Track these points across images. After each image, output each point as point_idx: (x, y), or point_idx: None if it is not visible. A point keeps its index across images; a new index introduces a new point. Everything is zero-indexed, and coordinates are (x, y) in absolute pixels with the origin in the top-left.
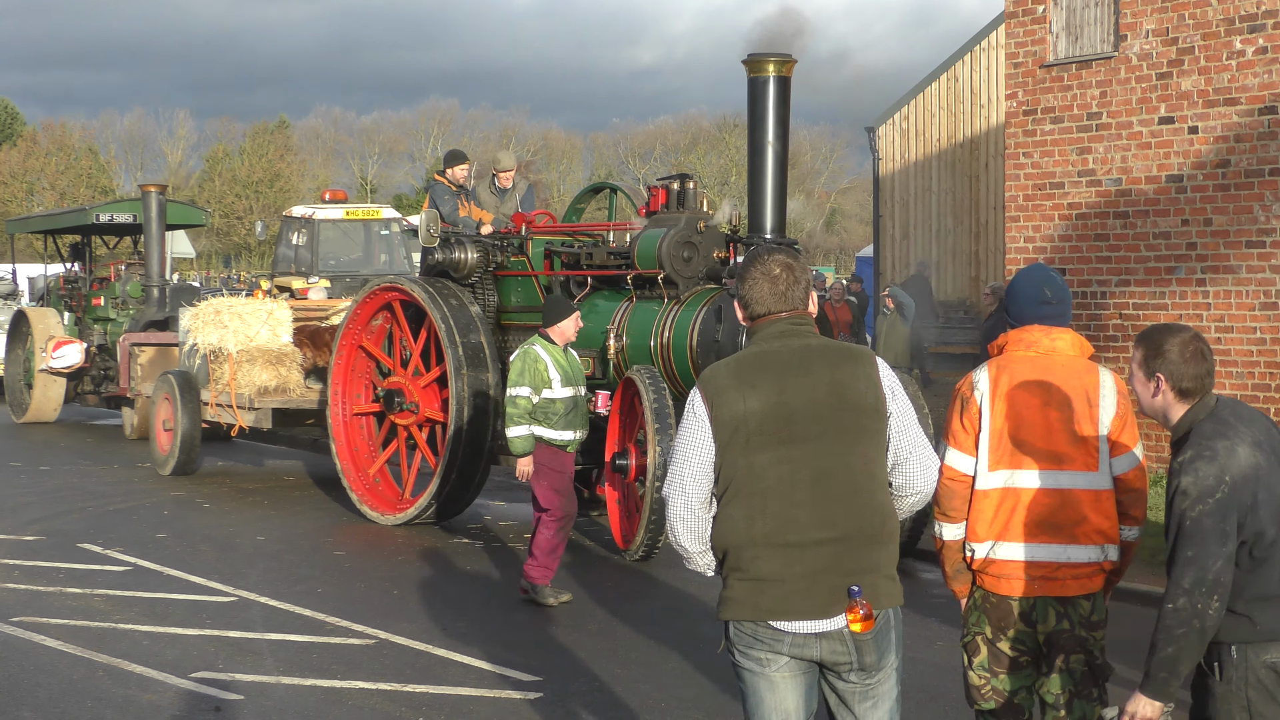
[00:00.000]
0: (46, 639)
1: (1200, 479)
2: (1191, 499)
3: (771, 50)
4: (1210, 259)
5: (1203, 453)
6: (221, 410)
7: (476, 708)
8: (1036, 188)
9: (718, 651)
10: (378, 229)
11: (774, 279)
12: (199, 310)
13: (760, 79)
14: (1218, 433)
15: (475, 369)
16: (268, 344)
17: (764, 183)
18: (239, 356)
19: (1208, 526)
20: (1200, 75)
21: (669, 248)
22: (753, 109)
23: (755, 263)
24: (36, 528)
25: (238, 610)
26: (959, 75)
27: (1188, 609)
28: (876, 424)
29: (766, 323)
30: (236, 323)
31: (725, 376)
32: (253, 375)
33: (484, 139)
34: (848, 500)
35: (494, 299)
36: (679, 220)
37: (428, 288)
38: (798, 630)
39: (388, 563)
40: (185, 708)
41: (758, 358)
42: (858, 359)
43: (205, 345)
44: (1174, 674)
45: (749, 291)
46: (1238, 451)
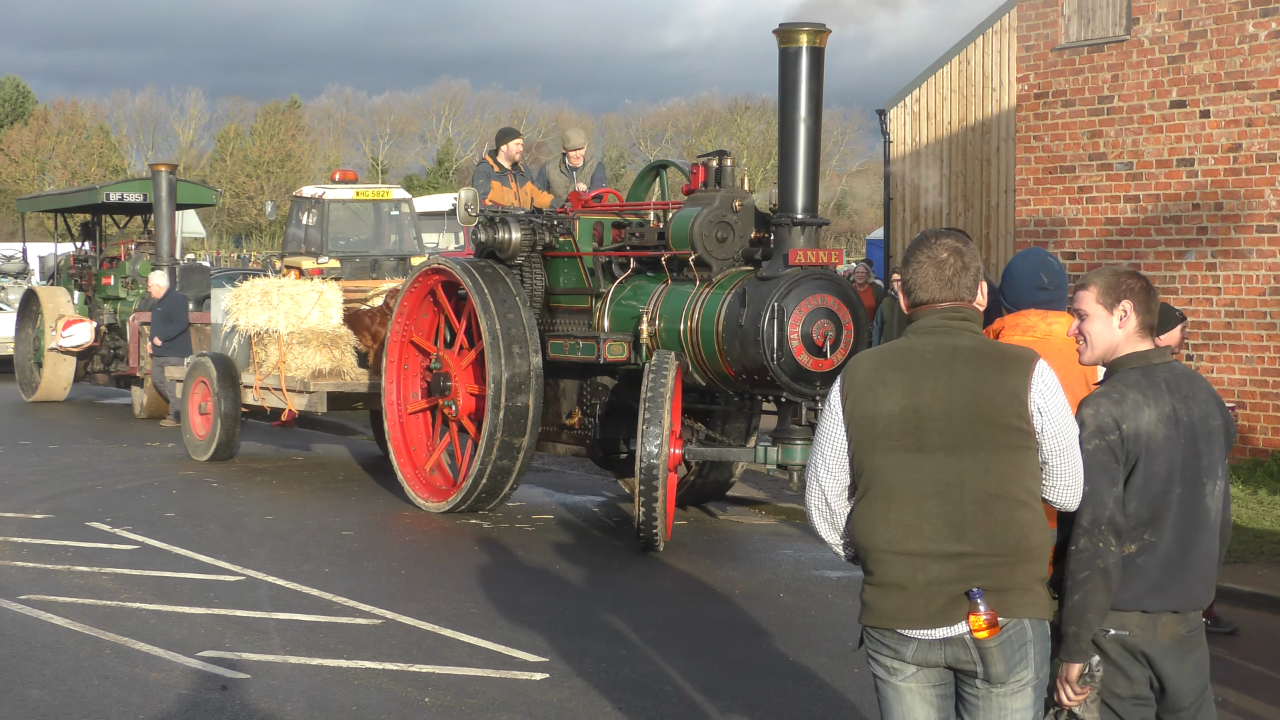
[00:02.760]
0: (54, 617)
1: (1099, 415)
2: (1088, 431)
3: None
4: (1221, 243)
5: (1112, 394)
6: (267, 394)
7: (483, 688)
8: (1047, 171)
9: (853, 651)
10: (388, 209)
11: (940, 264)
12: (242, 290)
13: (792, 50)
14: (1137, 385)
15: (514, 352)
16: (319, 326)
17: (795, 160)
18: (289, 339)
19: (1100, 463)
20: (1212, 59)
21: (701, 228)
22: (784, 82)
23: (921, 246)
24: (45, 506)
25: (245, 589)
26: (970, 58)
27: (1090, 549)
28: (1016, 440)
29: (923, 312)
30: (288, 304)
31: (863, 371)
32: (305, 358)
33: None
34: (979, 516)
35: (542, 280)
36: (714, 199)
37: (470, 269)
38: (922, 636)
39: (395, 543)
40: (192, 686)
41: (902, 353)
42: (1009, 368)
43: (250, 326)
44: (1083, 625)
45: (913, 276)
46: (1144, 412)
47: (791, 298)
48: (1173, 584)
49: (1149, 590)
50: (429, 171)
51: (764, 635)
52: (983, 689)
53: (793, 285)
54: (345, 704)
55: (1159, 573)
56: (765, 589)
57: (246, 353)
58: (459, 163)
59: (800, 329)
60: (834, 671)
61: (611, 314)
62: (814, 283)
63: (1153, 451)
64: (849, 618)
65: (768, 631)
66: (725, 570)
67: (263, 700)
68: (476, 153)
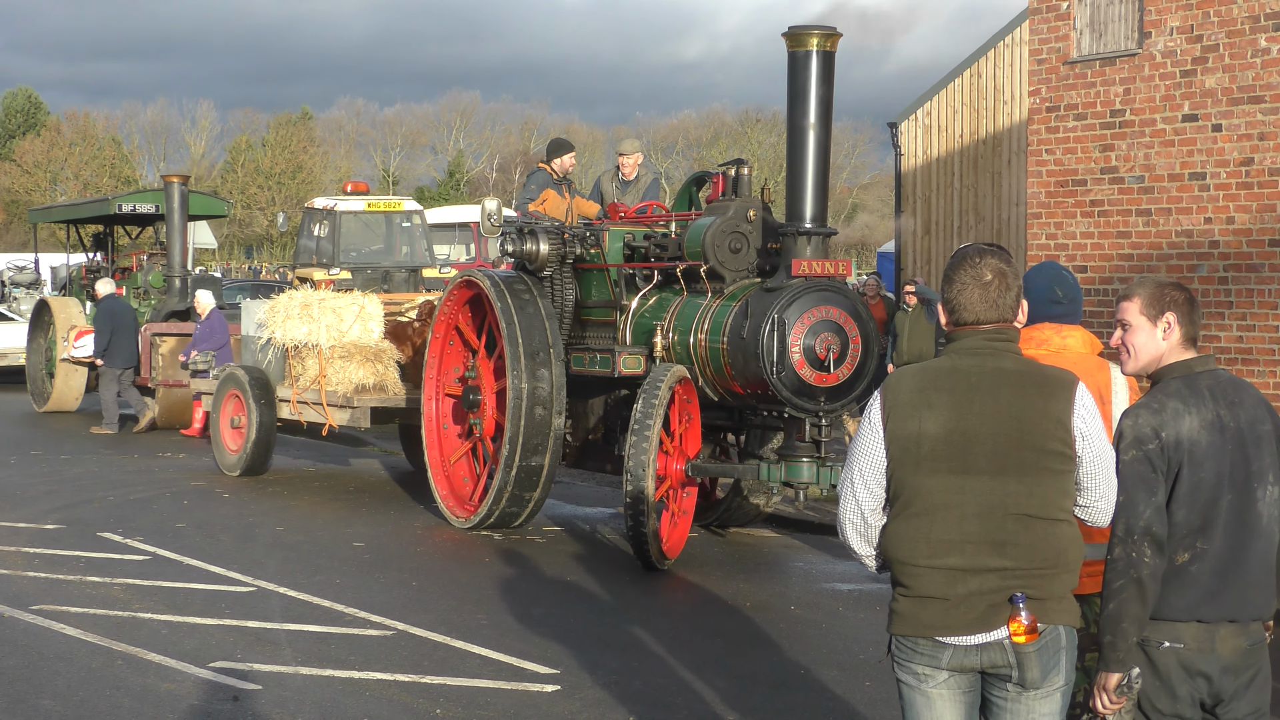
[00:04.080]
0: (66, 627)
1: (1138, 426)
2: (1125, 443)
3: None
4: (1233, 257)
5: (1151, 404)
6: (305, 408)
7: (494, 699)
8: (1059, 185)
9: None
10: (399, 221)
11: (986, 285)
12: (278, 303)
13: (801, 54)
14: (1177, 394)
15: (536, 366)
16: (361, 339)
17: (804, 168)
18: (330, 352)
19: (1137, 474)
20: (1225, 73)
21: (713, 238)
22: (792, 87)
23: (964, 264)
24: (57, 516)
25: (256, 600)
26: (982, 71)
27: (1124, 559)
28: (1059, 464)
29: (966, 332)
30: (329, 317)
31: (906, 390)
32: (347, 372)
33: (505, 132)
34: (1020, 534)
35: (572, 293)
36: (728, 209)
37: (497, 281)
38: (959, 643)
39: (406, 554)
40: (203, 697)
41: (945, 373)
42: (1054, 393)
43: (288, 339)
44: (1119, 634)
45: (957, 297)
46: (1185, 419)
47: (793, 310)
48: (1226, 590)
49: (1203, 598)
50: (440, 183)
51: (775, 648)
52: (1013, 692)
53: (795, 297)
54: (357, 715)
55: (1211, 579)
56: (776, 601)
57: (281, 366)
58: (470, 174)
59: (802, 342)
60: (846, 685)
61: (633, 327)
62: (818, 294)
63: (1197, 458)
64: (860, 631)
65: (779, 644)
66: (736, 583)
67: (274, 711)
68: (487, 164)
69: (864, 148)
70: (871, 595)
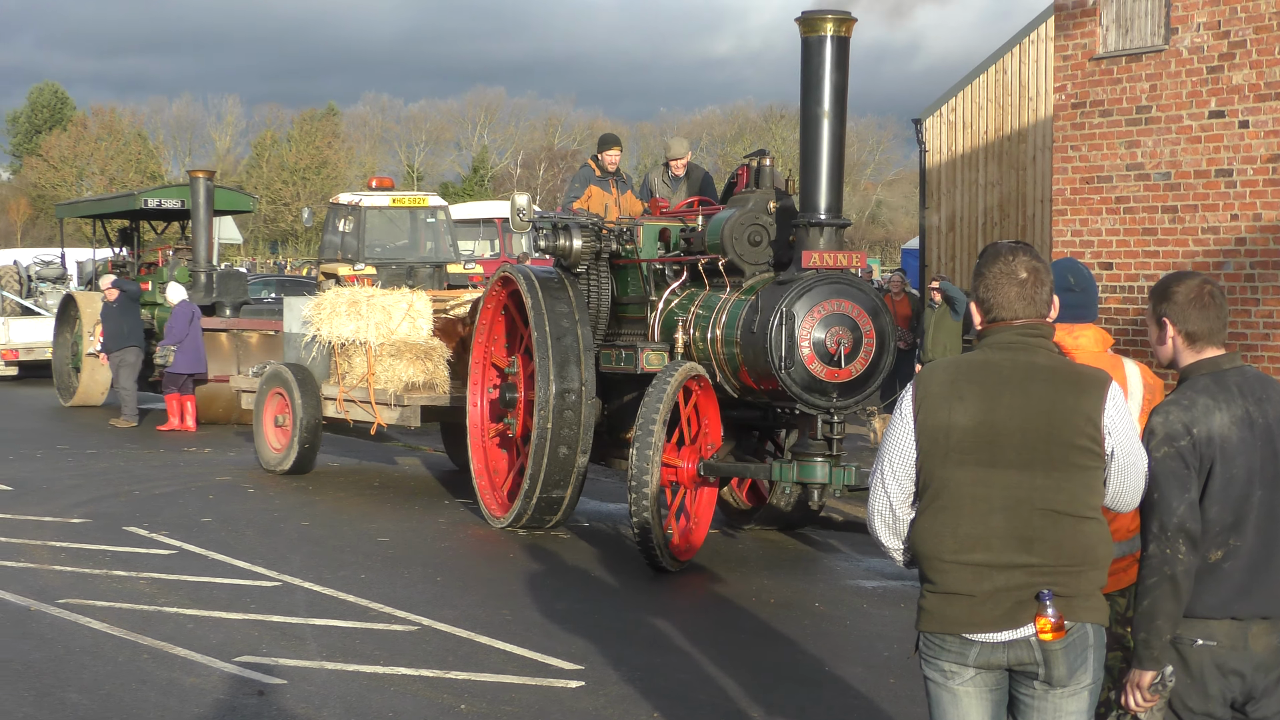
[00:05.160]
0: (92, 621)
1: (1169, 423)
2: (1157, 440)
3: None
4: (1259, 254)
5: (1181, 400)
6: (352, 406)
7: (518, 695)
8: (1084, 181)
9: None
10: (424, 216)
11: (1021, 282)
12: (324, 300)
13: (815, 39)
14: (1206, 390)
15: (566, 363)
16: (410, 337)
17: (818, 157)
18: (379, 350)
19: (1170, 470)
20: (1252, 69)
21: (731, 230)
22: (806, 73)
23: (997, 262)
24: (83, 510)
25: (281, 595)
26: (1007, 68)
27: (1157, 555)
28: (1088, 461)
29: (1000, 328)
30: (378, 314)
31: (938, 382)
32: (396, 370)
33: (530, 128)
34: (1047, 530)
35: (608, 289)
36: (749, 201)
37: (531, 277)
38: (986, 639)
39: (431, 550)
40: (228, 691)
41: (978, 367)
42: (1085, 390)
43: (334, 336)
44: (1152, 632)
45: (993, 295)
46: (1215, 415)
47: (802, 303)
48: (1259, 586)
49: (1235, 594)
50: (464, 179)
51: (798, 644)
52: (1040, 690)
53: (805, 290)
54: (381, 710)
55: (1244, 575)
56: (800, 599)
57: (325, 363)
58: (494, 170)
59: (812, 336)
60: (870, 682)
61: (661, 323)
62: (829, 287)
63: (1228, 454)
64: (885, 628)
65: (802, 641)
66: (760, 579)
67: (299, 706)
68: (512, 160)
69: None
70: (896, 593)
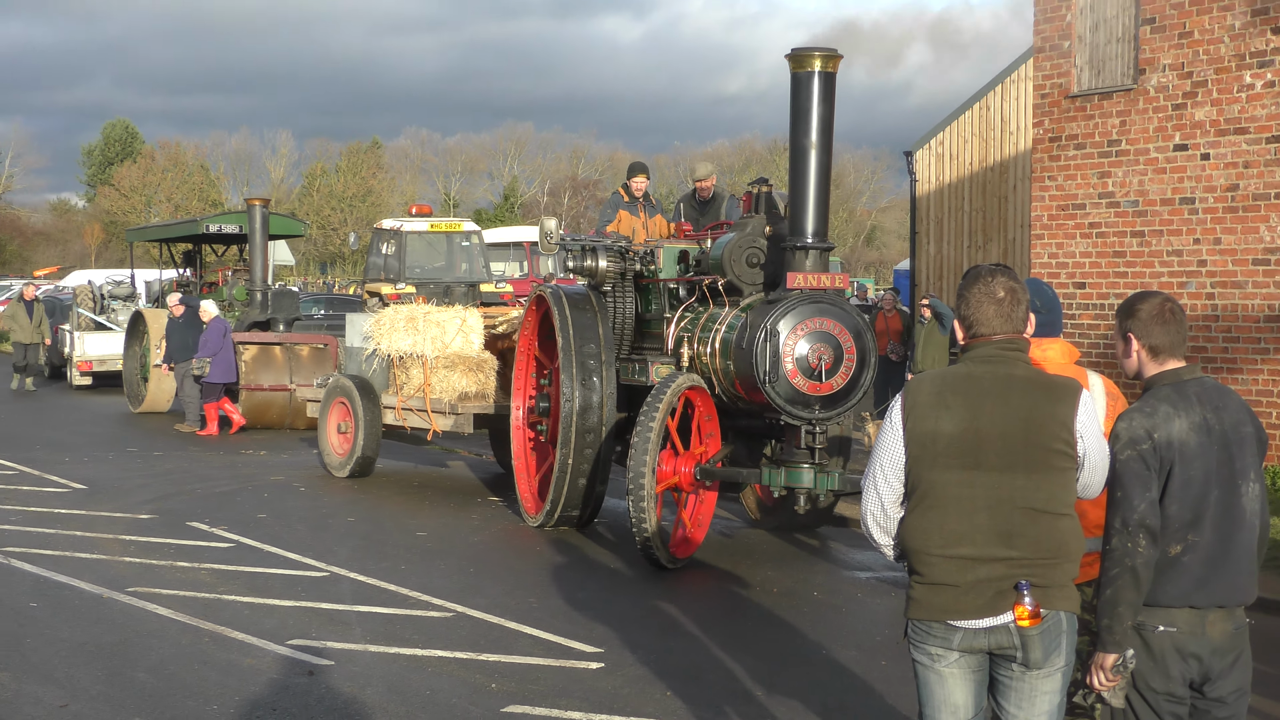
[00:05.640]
0: (158, 608)
1: (1132, 428)
2: (1121, 443)
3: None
4: (1219, 275)
5: (1144, 408)
6: (410, 414)
7: (543, 675)
8: (1060, 208)
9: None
10: (459, 240)
11: (999, 301)
12: (384, 316)
13: (804, 74)
14: (1168, 399)
15: (587, 374)
16: (463, 350)
17: (806, 185)
18: (435, 362)
19: (1133, 471)
20: (1212, 106)
21: (730, 252)
22: (795, 107)
23: (978, 283)
24: (150, 507)
25: (329, 584)
26: (990, 104)
27: (1120, 548)
28: (1062, 463)
29: (981, 343)
30: (434, 330)
31: (925, 392)
32: (451, 381)
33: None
34: (1026, 527)
35: (632, 306)
36: (748, 225)
37: (561, 295)
38: (969, 626)
39: (465, 543)
40: (281, 671)
41: (962, 379)
42: (1059, 398)
43: (393, 350)
44: (1115, 618)
45: (974, 313)
46: (1175, 422)
47: (786, 321)
48: (1215, 578)
49: (1194, 586)
50: (496, 206)
51: (799, 629)
52: (1018, 672)
53: (789, 309)
54: (420, 689)
55: (1202, 568)
56: (801, 588)
57: (384, 375)
58: (523, 198)
59: (795, 352)
60: (864, 664)
61: (674, 338)
62: (811, 306)
63: (1187, 457)
64: (878, 615)
65: (803, 626)
66: (764, 570)
67: (345, 685)
68: (539, 189)
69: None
70: (888, 583)
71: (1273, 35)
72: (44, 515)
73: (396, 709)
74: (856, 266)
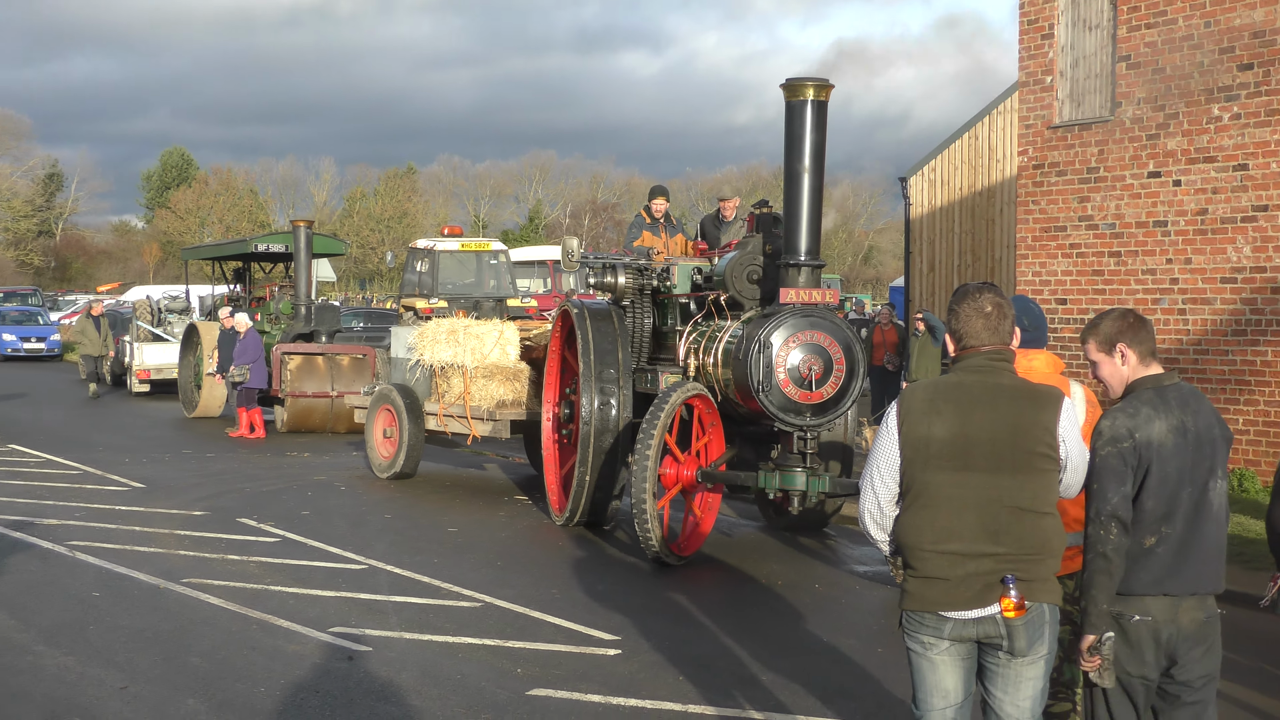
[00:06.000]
0: (210, 597)
1: (1115, 426)
2: (1103, 440)
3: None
4: (1190, 292)
5: (1127, 409)
6: (450, 420)
7: (565, 661)
8: (1043, 230)
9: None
10: (488, 259)
11: (986, 315)
12: (426, 329)
13: (797, 103)
14: (1150, 402)
15: (604, 383)
16: (501, 361)
17: (799, 207)
18: (474, 372)
19: (1110, 467)
20: (1184, 136)
21: (731, 269)
22: (790, 133)
23: (967, 300)
24: (203, 504)
25: (367, 576)
26: (979, 135)
27: (1094, 535)
28: (1046, 465)
29: (970, 354)
30: (473, 342)
31: (919, 400)
32: (489, 390)
33: (577, 184)
34: (1012, 524)
35: (649, 320)
36: (749, 244)
37: (584, 308)
38: (959, 617)
39: (492, 539)
40: (323, 657)
41: (953, 387)
42: (1042, 405)
43: (435, 360)
44: (1090, 601)
45: (963, 326)
46: (1155, 423)
47: (779, 333)
48: (1187, 567)
49: (1166, 574)
50: (522, 227)
51: (802, 619)
52: (1004, 659)
53: (781, 322)
54: (451, 673)
55: (1174, 558)
56: (803, 580)
57: (427, 384)
58: (546, 220)
59: (787, 363)
60: (862, 651)
61: (685, 349)
62: (803, 320)
63: (1164, 456)
64: (875, 606)
65: (805, 616)
66: (770, 565)
67: (382, 669)
68: (562, 211)
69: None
70: (885, 576)
71: (1239, 72)
72: (106, 512)
73: (429, 691)
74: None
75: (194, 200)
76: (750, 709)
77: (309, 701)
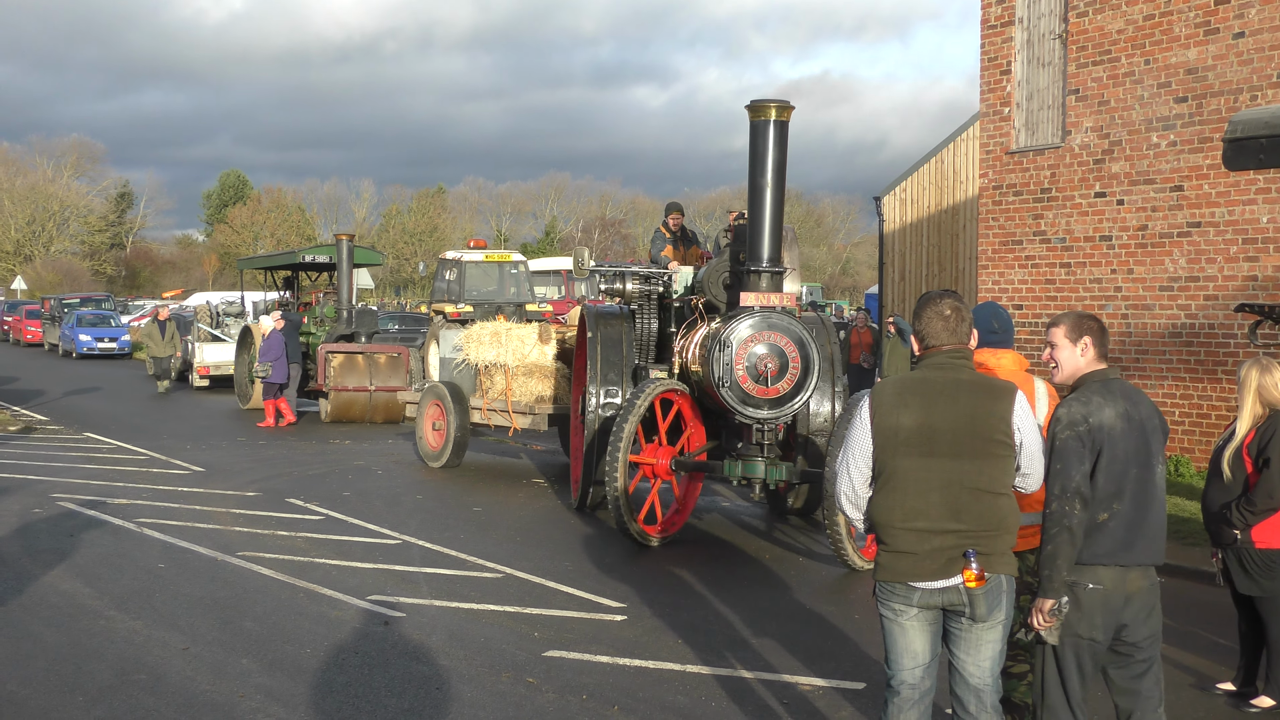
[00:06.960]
0: (262, 569)
1: (1071, 413)
2: (1062, 425)
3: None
4: (1132, 299)
5: (1080, 398)
6: (494, 414)
7: (577, 625)
8: (1001, 244)
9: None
10: (509, 268)
11: (945, 318)
12: (471, 331)
13: (761, 122)
14: (1099, 392)
15: (607, 380)
16: (539, 360)
17: (761, 218)
18: (516, 370)
19: (1071, 448)
20: (1126, 161)
21: (707, 276)
22: (753, 150)
23: (929, 304)
24: (256, 486)
25: (402, 550)
26: (944, 159)
27: (1059, 511)
28: (1001, 451)
29: (933, 353)
30: (515, 343)
31: (888, 393)
32: (529, 386)
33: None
34: (971, 503)
35: (655, 323)
36: (726, 253)
37: (595, 311)
38: (925, 586)
39: (512, 517)
40: (362, 621)
41: (918, 382)
42: (998, 397)
43: (480, 360)
44: (1054, 569)
45: (926, 328)
46: (1105, 410)
47: (737, 334)
48: (1136, 541)
49: (1119, 547)
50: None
51: (788, 590)
52: (966, 625)
53: (740, 323)
54: (476, 636)
55: (1124, 533)
56: (788, 555)
57: (471, 381)
58: (561, 234)
59: (745, 361)
60: (840, 617)
61: (677, 350)
62: (760, 320)
63: (1113, 440)
64: (852, 577)
65: (791, 587)
66: (759, 541)
67: (415, 633)
68: (574, 227)
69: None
70: None
71: (1175, 104)
72: (170, 492)
73: (456, 653)
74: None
75: (249, 216)
76: (741, 669)
77: (350, 661)
